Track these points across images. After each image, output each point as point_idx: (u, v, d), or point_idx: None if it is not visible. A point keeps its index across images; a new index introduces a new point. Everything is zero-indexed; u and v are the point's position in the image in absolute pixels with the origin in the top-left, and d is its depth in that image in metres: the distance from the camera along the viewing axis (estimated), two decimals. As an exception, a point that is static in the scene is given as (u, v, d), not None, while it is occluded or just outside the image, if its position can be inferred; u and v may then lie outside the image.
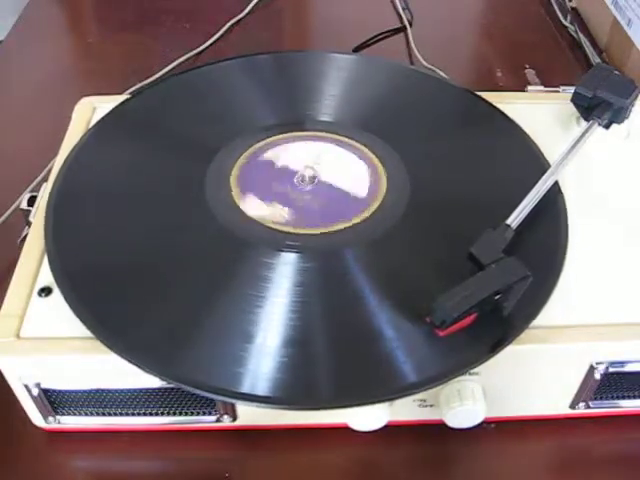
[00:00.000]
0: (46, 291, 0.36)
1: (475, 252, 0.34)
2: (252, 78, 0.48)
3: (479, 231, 0.35)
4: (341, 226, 0.38)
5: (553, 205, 0.39)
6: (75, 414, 0.36)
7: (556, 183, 0.40)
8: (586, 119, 0.44)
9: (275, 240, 0.37)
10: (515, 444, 0.38)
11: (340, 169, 0.41)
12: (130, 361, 0.32)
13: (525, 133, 0.44)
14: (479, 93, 0.46)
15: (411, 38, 0.66)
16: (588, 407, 0.37)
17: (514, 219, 0.36)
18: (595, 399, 0.37)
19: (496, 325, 0.33)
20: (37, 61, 0.65)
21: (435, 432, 0.37)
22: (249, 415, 0.36)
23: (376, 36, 0.67)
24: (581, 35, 0.67)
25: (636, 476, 0.37)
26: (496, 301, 0.33)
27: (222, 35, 0.67)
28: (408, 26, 0.68)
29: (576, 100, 0.44)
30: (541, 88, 0.52)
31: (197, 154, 0.42)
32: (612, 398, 0.38)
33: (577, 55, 0.66)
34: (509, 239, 0.35)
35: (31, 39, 0.67)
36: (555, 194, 0.40)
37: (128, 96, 0.46)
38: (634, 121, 0.45)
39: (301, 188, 0.40)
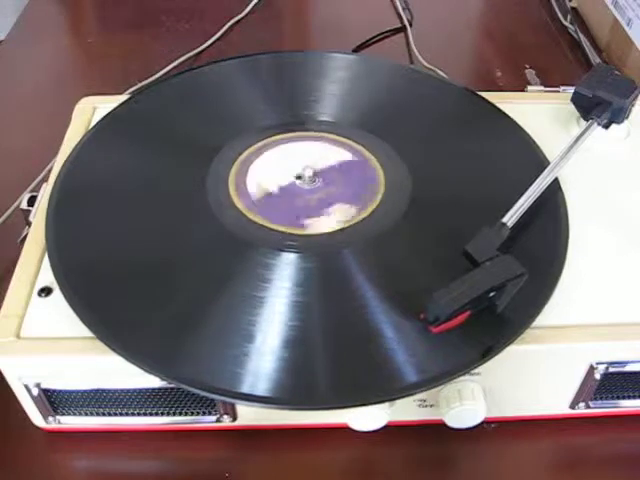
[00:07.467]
0: (46, 291, 0.36)
1: (470, 250, 0.34)
2: (252, 78, 0.48)
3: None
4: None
5: (553, 204, 0.39)
6: (75, 414, 0.36)
7: (556, 182, 0.40)
8: (586, 119, 0.44)
9: (275, 240, 0.37)
10: (515, 444, 0.38)
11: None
12: (130, 361, 0.32)
13: (525, 133, 0.44)
14: (479, 93, 0.47)
15: (411, 38, 0.66)
16: (588, 407, 0.37)
17: (510, 217, 0.36)
18: (595, 399, 0.37)
19: (496, 325, 0.33)
20: (37, 61, 0.65)
21: (435, 432, 0.37)
22: (249, 415, 0.36)
23: (376, 36, 0.67)
24: (581, 35, 0.67)
25: (636, 476, 0.37)
26: (490, 299, 0.33)
27: (222, 35, 0.67)
28: (408, 26, 0.68)
29: (576, 100, 0.44)
30: (541, 88, 0.52)
31: (197, 154, 0.42)
32: (612, 398, 0.38)
33: (577, 55, 0.66)
34: (505, 237, 0.35)
35: (31, 39, 0.67)
36: (555, 193, 0.40)
37: (128, 96, 0.46)
38: (634, 121, 0.45)
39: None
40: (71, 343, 0.33)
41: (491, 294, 0.32)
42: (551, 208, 0.39)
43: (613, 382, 0.36)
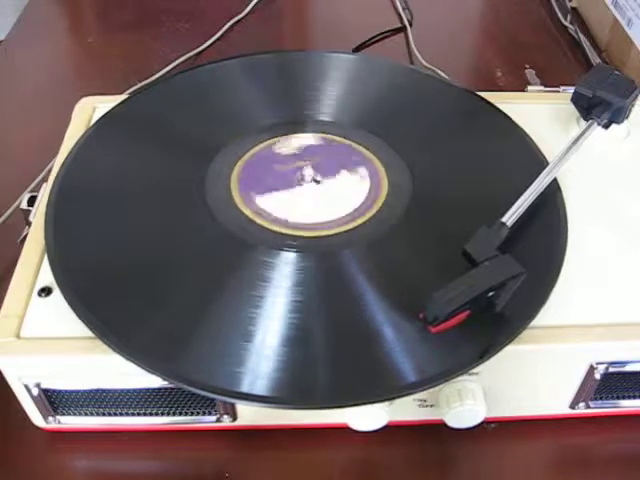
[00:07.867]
0: (46, 291, 0.36)
1: (469, 249, 0.34)
2: (252, 78, 0.48)
3: (479, 231, 0.35)
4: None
5: (552, 204, 0.39)
6: (75, 414, 0.36)
7: (555, 182, 0.40)
8: (586, 119, 0.44)
9: (275, 240, 0.37)
10: (515, 444, 0.38)
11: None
12: (130, 360, 0.32)
13: (525, 133, 0.44)
14: (479, 93, 0.47)
15: (411, 38, 0.66)
16: (588, 407, 0.37)
17: (509, 217, 0.36)
18: (595, 399, 0.37)
19: (496, 325, 0.33)
20: (37, 61, 0.65)
21: (435, 432, 0.37)
22: (249, 415, 0.36)
23: (376, 36, 0.67)
24: (581, 35, 0.67)
25: (636, 476, 0.37)
26: (489, 298, 0.33)
27: (222, 35, 0.67)
28: (408, 26, 0.68)
29: (576, 100, 0.44)
30: (541, 88, 0.52)
31: (197, 154, 0.42)
32: (612, 398, 0.38)
33: (577, 55, 0.66)
34: (504, 236, 0.35)
35: (31, 39, 0.67)
36: (554, 193, 0.40)
37: (128, 96, 0.46)
38: (634, 121, 0.45)
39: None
40: (71, 343, 0.33)
41: (490, 294, 0.32)
42: (550, 208, 0.39)
43: (613, 382, 0.36)
